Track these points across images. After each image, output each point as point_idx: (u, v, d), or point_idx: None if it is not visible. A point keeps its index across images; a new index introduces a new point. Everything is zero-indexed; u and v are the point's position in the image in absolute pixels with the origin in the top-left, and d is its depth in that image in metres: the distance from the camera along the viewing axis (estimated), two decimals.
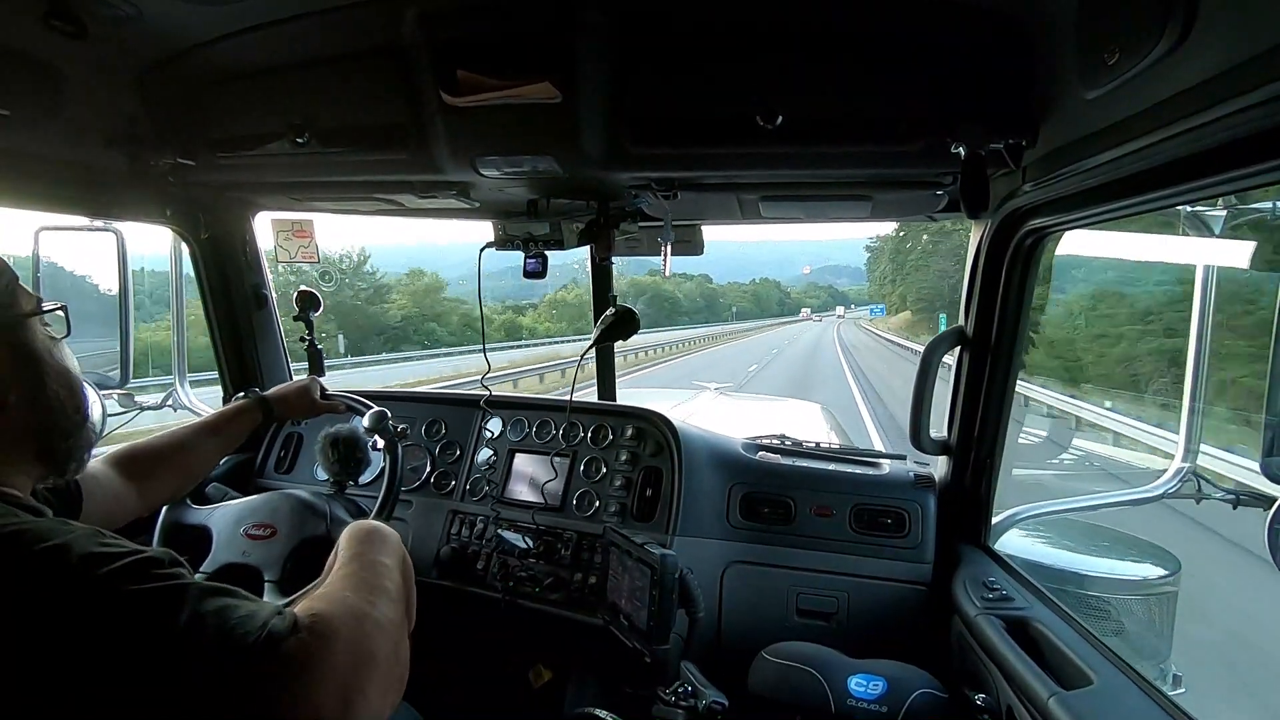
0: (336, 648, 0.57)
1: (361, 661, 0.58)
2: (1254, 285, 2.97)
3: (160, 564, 0.56)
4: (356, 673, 0.57)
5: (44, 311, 0.72)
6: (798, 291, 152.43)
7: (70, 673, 0.51)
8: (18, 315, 0.68)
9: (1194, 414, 1.54)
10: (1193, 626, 2.53)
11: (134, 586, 0.53)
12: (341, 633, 0.58)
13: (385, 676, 0.60)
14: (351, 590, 0.67)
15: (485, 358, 1.80)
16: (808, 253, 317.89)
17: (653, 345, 24.63)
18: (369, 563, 0.73)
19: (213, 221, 1.74)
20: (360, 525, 0.82)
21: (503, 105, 1.11)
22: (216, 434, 1.28)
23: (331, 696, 0.55)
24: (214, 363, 1.91)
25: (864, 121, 1.10)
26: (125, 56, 1.21)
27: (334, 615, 0.60)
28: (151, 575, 0.55)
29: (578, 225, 1.58)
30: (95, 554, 0.54)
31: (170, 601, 0.54)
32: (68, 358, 0.73)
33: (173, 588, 0.55)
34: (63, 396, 0.70)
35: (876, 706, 1.12)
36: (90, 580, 0.53)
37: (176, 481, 1.22)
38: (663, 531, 1.49)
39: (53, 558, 0.54)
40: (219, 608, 0.55)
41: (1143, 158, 0.81)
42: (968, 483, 1.46)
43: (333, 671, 0.56)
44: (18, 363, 0.67)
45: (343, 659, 0.57)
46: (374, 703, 0.58)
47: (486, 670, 1.70)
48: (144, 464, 1.13)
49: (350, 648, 0.58)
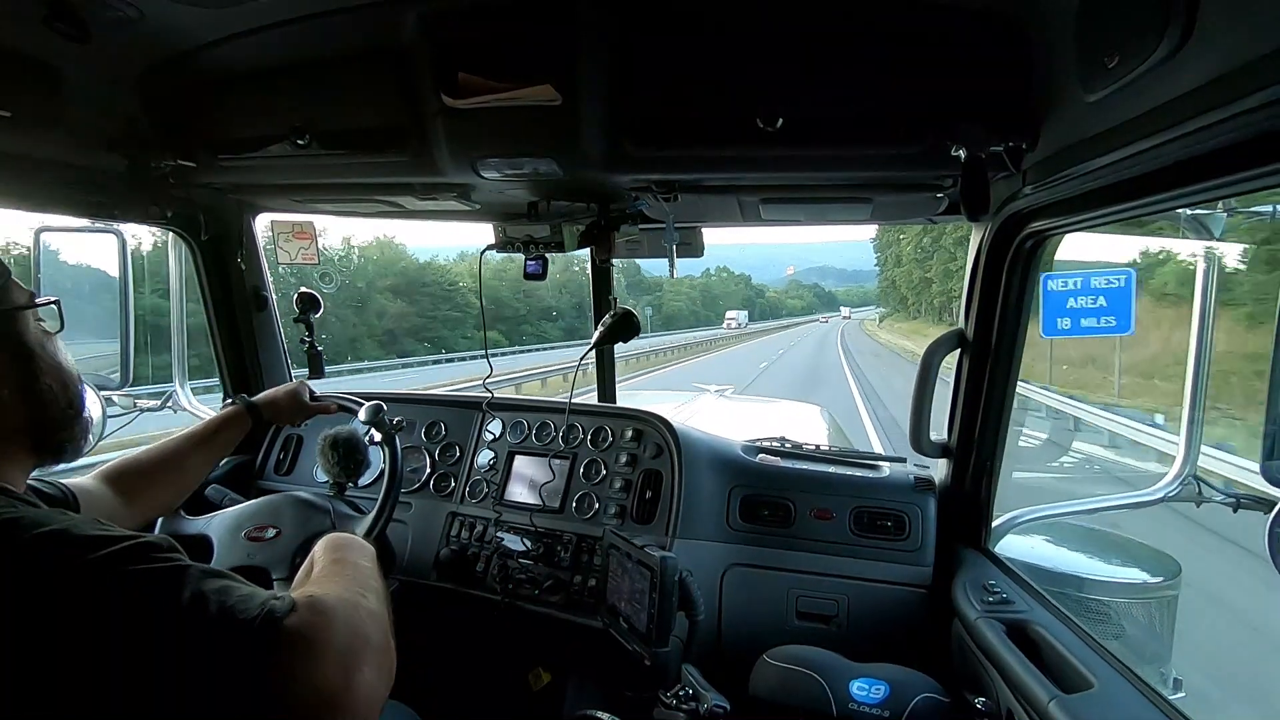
0: (336, 626, 0.59)
1: (358, 641, 0.60)
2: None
3: (159, 548, 0.57)
4: (354, 651, 0.59)
5: (37, 305, 0.73)
6: (776, 292, 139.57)
7: (73, 651, 0.51)
8: (10, 309, 0.69)
9: (1194, 418, 1.54)
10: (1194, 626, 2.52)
11: (135, 566, 0.55)
12: (339, 612, 0.60)
13: (379, 659, 0.62)
14: (340, 583, 0.69)
15: (488, 361, 1.80)
16: (793, 256, 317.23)
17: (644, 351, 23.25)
18: (351, 564, 0.75)
19: (213, 223, 1.74)
20: (335, 535, 0.85)
21: (503, 107, 1.11)
22: (205, 444, 1.28)
23: (333, 670, 0.56)
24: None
25: (864, 124, 1.10)
26: (126, 58, 1.21)
27: (329, 598, 0.63)
28: (151, 557, 0.56)
29: (578, 228, 1.58)
30: (94, 536, 0.56)
31: (172, 580, 0.55)
32: (61, 352, 0.74)
33: (174, 568, 0.56)
34: (55, 390, 0.71)
35: (879, 710, 1.12)
36: (90, 561, 0.54)
37: (168, 494, 1.23)
38: (662, 534, 1.49)
39: (51, 540, 0.55)
40: (220, 587, 0.56)
41: (1143, 161, 0.82)
42: (968, 485, 1.46)
43: (333, 648, 0.57)
44: (10, 357, 0.67)
45: (341, 637, 0.59)
46: (370, 681, 0.59)
47: (486, 673, 1.69)
48: (134, 478, 1.14)
49: (347, 628, 0.60)
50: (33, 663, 0.51)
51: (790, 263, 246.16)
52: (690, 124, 1.15)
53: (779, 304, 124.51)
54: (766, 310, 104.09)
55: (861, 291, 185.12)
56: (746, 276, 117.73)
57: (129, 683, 0.52)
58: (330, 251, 9.67)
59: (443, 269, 29.43)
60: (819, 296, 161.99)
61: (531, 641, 1.62)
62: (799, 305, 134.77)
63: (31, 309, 0.72)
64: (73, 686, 0.52)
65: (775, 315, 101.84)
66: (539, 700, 1.63)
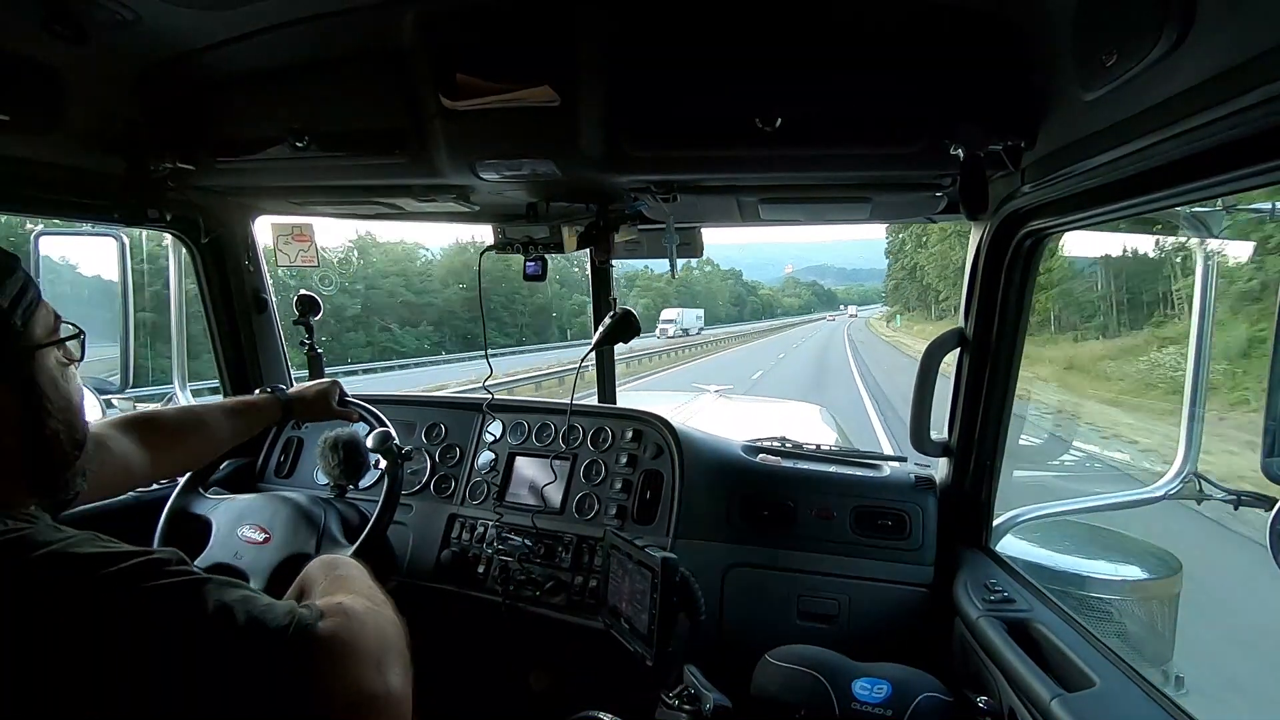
0: (367, 630, 0.61)
1: (385, 643, 0.63)
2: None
3: (169, 563, 0.57)
4: (384, 652, 0.61)
5: (60, 340, 0.68)
6: (770, 289, 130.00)
7: (85, 672, 0.51)
8: (30, 346, 0.64)
9: (1194, 415, 1.54)
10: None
11: (150, 583, 0.54)
12: (366, 618, 0.63)
13: (403, 661, 0.63)
14: (355, 594, 0.70)
15: (487, 362, 1.80)
16: (792, 255, 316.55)
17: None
18: (354, 579, 0.77)
19: (213, 225, 1.74)
20: (326, 557, 0.86)
21: (502, 108, 1.11)
22: (235, 417, 1.26)
23: (370, 670, 0.58)
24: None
25: (863, 123, 1.10)
26: (124, 61, 1.21)
27: (356, 605, 0.64)
28: (165, 572, 0.55)
29: (577, 228, 1.58)
30: (99, 554, 0.55)
31: (193, 593, 0.55)
32: (73, 386, 0.69)
33: (192, 581, 0.56)
34: (61, 434, 0.66)
35: (881, 710, 1.12)
36: (99, 579, 0.53)
37: (188, 457, 1.21)
38: (663, 534, 1.49)
39: (55, 562, 0.53)
40: (241, 596, 0.56)
41: (1141, 159, 0.82)
42: (969, 484, 1.46)
43: (367, 649, 0.59)
44: (19, 402, 0.63)
45: (373, 641, 0.61)
46: (402, 680, 0.61)
47: (488, 674, 1.69)
48: (163, 431, 1.11)
49: (374, 632, 0.62)
50: (41, 686, 0.50)
51: (789, 262, 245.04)
52: (689, 124, 1.15)
53: (773, 302, 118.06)
54: (760, 309, 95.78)
55: (861, 290, 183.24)
56: (737, 271, 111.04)
57: (156, 697, 0.51)
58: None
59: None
60: (818, 295, 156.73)
61: (533, 642, 1.62)
62: (795, 303, 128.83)
63: (53, 345, 0.66)
64: (87, 706, 0.50)
65: (769, 314, 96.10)
66: (540, 701, 1.63)
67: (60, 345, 0.68)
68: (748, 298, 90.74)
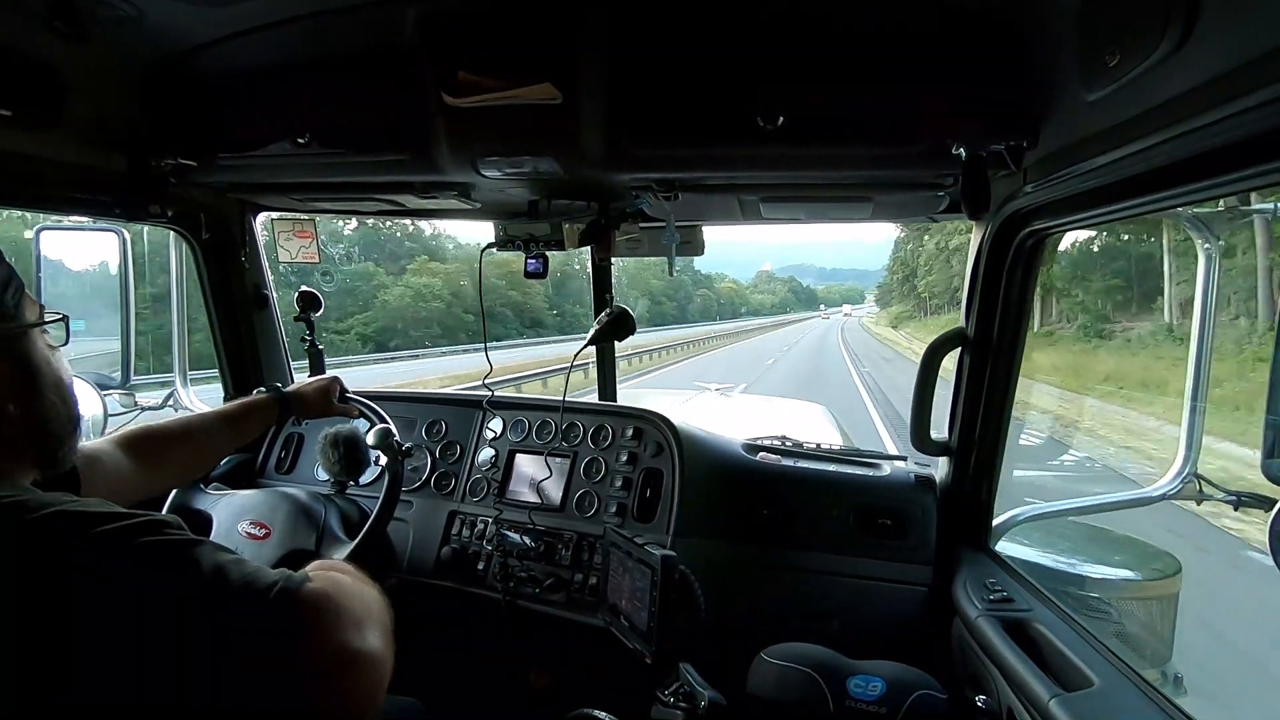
0: (350, 594, 0.64)
1: (368, 609, 0.65)
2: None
3: (169, 524, 0.60)
4: (365, 614, 0.64)
5: (46, 323, 0.73)
6: (734, 284, 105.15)
7: (87, 623, 0.52)
8: (21, 326, 0.69)
9: (1194, 415, 1.54)
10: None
11: (149, 538, 0.56)
12: (350, 585, 0.66)
13: (384, 628, 0.66)
14: (343, 572, 0.73)
15: (487, 358, 1.80)
16: (769, 254, 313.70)
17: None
18: (343, 567, 0.78)
19: (214, 222, 1.74)
20: (322, 563, 0.88)
21: (503, 106, 1.11)
22: (232, 424, 1.27)
23: (351, 629, 0.61)
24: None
25: (864, 123, 1.10)
26: (126, 58, 1.21)
27: (334, 571, 0.68)
28: (164, 531, 0.58)
29: (579, 226, 1.58)
30: (100, 512, 0.57)
31: (190, 551, 0.57)
32: (63, 366, 0.74)
33: (189, 540, 0.59)
34: (59, 407, 0.72)
35: (875, 707, 1.12)
36: (99, 534, 0.55)
37: (186, 467, 1.23)
38: (663, 532, 1.49)
39: (56, 518, 0.56)
40: (234, 559, 0.59)
41: (1143, 159, 0.81)
42: (969, 484, 1.46)
43: (348, 610, 0.62)
44: (18, 375, 0.68)
45: (354, 602, 0.64)
46: (382, 643, 0.64)
47: (487, 671, 1.70)
48: (152, 447, 1.12)
49: (358, 596, 0.65)
50: (42, 639, 0.52)
51: (767, 260, 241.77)
52: (690, 123, 1.15)
53: (738, 299, 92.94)
54: (716, 308, 72.06)
55: (842, 290, 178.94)
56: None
57: (150, 649, 0.54)
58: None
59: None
60: (795, 292, 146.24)
61: (533, 640, 1.63)
62: (769, 301, 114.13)
63: (41, 326, 0.72)
64: (88, 655, 0.52)
65: (732, 314, 75.76)
66: (540, 697, 1.64)
67: (45, 330, 0.73)
68: (695, 292, 66.35)
